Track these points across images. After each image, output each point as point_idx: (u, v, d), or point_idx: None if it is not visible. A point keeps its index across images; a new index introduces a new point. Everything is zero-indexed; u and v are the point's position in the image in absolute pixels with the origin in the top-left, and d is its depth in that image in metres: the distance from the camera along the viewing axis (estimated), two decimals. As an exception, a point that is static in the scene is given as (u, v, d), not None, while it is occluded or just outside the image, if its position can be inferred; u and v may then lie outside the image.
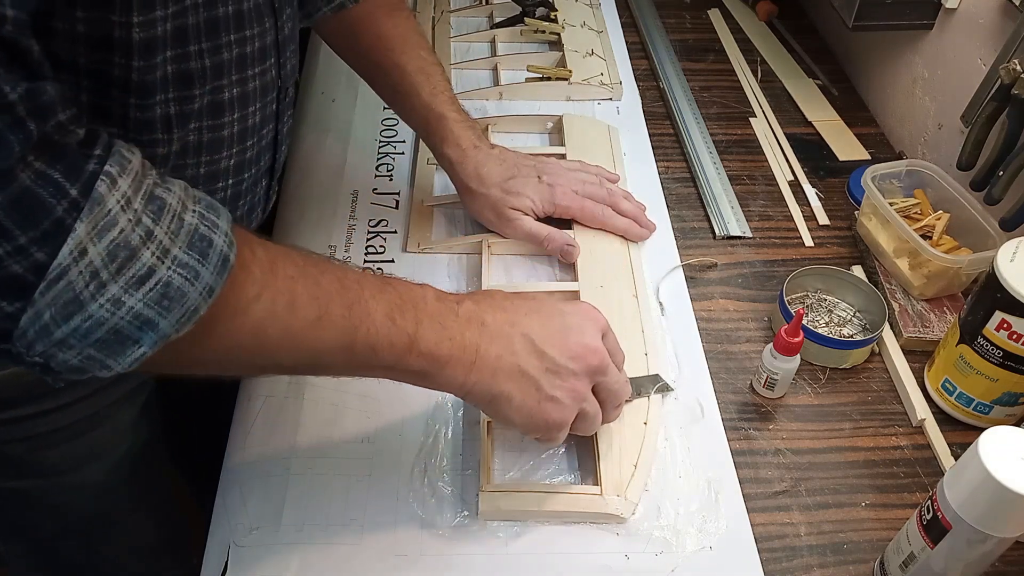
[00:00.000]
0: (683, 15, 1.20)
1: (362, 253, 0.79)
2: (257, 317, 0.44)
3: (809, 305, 0.78)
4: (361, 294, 0.49)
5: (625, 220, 0.80)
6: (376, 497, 0.61)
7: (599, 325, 0.58)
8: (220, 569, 0.56)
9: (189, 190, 0.42)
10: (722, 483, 0.63)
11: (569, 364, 0.55)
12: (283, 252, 0.47)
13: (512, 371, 0.54)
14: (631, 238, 0.80)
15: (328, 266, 0.49)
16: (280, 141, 0.66)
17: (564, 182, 0.79)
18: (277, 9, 0.58)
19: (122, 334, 0.38)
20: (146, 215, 0.38)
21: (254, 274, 0.44)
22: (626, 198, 0.82)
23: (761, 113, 1.03)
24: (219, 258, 0.41)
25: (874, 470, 0.66)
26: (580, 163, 0.84)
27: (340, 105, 0.97)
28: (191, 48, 0.50)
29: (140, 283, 0.38)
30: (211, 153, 0.57)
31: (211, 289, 0.40)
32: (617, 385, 0.59)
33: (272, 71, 0.59)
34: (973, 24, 0.87)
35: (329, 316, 0.47)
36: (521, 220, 0.77)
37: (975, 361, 0.66)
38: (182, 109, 0.51)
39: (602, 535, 0.60)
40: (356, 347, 0.48)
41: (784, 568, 0.60)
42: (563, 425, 0.56)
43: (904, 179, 0.85)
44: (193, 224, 0.40)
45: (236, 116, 0.57)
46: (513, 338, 0.54)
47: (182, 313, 0.40)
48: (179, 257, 0.39)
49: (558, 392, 0.55)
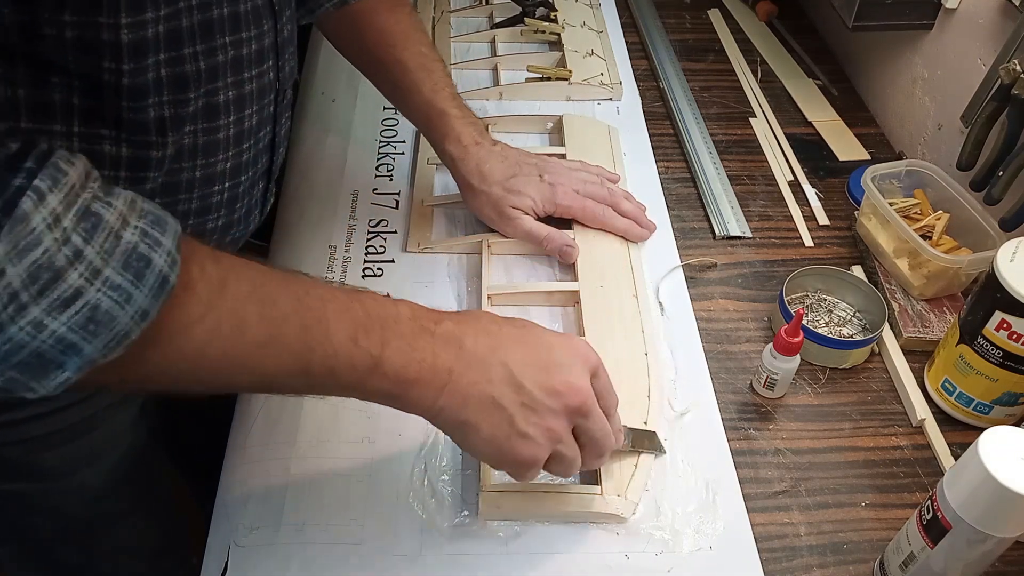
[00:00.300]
0: (683, 15, 1.20)
1: (362, 253, 0.79)
2: (199, 339, 0.42)
3: (809, 305, 0.78)
4: (323, 314, 0.46)
5: (625, 221, 0.80)
6: (376, 497, 0.61)
7: (589, 364, 0.54)
8: (220, 569, 0.56)
9: (136, 203, 0.40)
10: (722, 483, 0.63)
11: (547, 401, 0.51)
12: (238, 269, 0.45)
13: (484, 400, 0.50)
14: (631, 238, 0.80)
15: (289, 283, 0.47)
16: (278, 143, 0.66)
17: (565, 181, 0.79)
18: (277, 11, 0.58)
19: (44, 358, 0.37)
20: (77, 233, 0.36)
21: (199, 294, 0.42)
22: (627, 198, 0.82)
23: (761, 113, 1.03)
24: (156, 279, 0.38)
25: (874, 470, 0.66)
26: (581, 163, 0.84)
27: (340, 105, 0.97)
28: (185, 51, 0.49)
29: (64, 306, 0.36)
30: (207, 156, 0.56)
31: (145, 312, 0.38)
32: (600, 433, 0.54)
33: (270, 73, 0.59)
34: (973, 24, 0.87)
35: (281, 337, 0.45)
36: (521, 219, 0.76)
37: (975, 361, 0.66)
38: (177, 112, 0.51)
39: (602, 535, 0.60)
40: (312, 369, 0.46)
41: (784, 568, 0.60)
42: (533, 464, 0.52)
43: (904, 179, 0.85)
44: (132, 242, 0.38)
45: (232, 119, 0.56)
46: (491, 366, 0.51)
47: (110, 337, 0.38)
48: (110, 279, 0.37)
49: (531, 429, 0.51)
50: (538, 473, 0.54)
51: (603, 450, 0.55)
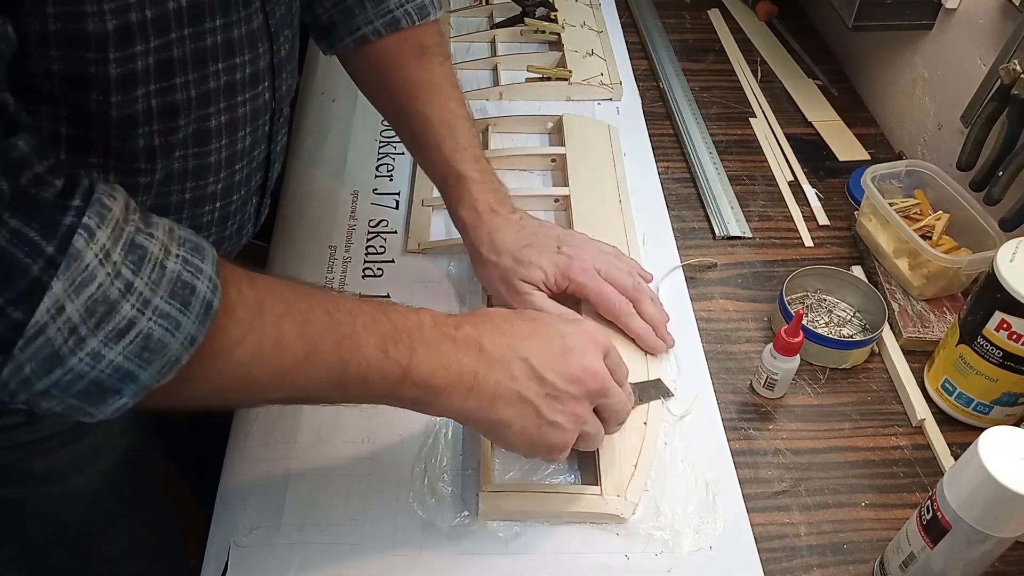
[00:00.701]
0: (683, 15, 1.20)
1: (362, 253, 0.79)
2: (242, 359, 0.43)
3: (809, 305, 0.78)
4: (353, 327, 0.48)
5: (643, 324, 0.71)
6: (376, 497, 0.61)
7: (600, 345, 0.57)
8: (220, 569, 0.56)
9: (174, 231, 0.41)
10: (722, 483, 0.63)
11: (569, 388, 0.54)
12: (272, 288, 0.46)
13: (511, 397, 0.53)
14: (644, 346, 0.71)
15: (319, 299, 0.48)
16: (273, 160, 0.64)
17: (585, 256, 0.71)
18: (273, 33, 0.56)
19: (103, 386, 0.38)
20: (126, 267, 0.38)
21: (239, 316, 0.43)
22: (652, 300, 0.72)
23: (761, 113, 1.03)
24: (202, 305, 0.40)
25: (874, 470, 0.66)
26: (615, 249, 0.75)
27: (340, 105, 0.97)
28: (176, 80, 0.49)
29: (120, 336, 0.38)
30: (197, 179, 0.55)
31: (193, 338, 0.40)
32: (619, 405, 0.57)
33: (265, 95, 0.57)
34: (973, 24, 0.87)
35: (318, 353, 0.46)
36: (532, 295, 0.69)
37: (975, 361, 0.66)
38: (167, 140, 0.50)
39: (602, 535, 0.60)
40: (347, 381, 0.48)
41: (784, 568, 0.60)
42: (565, 447, 0.55)
43: (904, 179, 0.85)
44: (175, 271, 0.40)
45: (224, 142, 0.55)
46: (512, 363, 0.53)
47: (163, 364, 0.39)
48: (160, 307, 0.39)
49: (559, 417, 0.54)
50: (567, 454, 0.57)
51: (622, 418, 0.59)
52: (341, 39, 0.71)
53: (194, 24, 0.48)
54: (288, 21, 0.59)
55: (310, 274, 0.77)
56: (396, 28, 0.71)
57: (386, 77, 0.73)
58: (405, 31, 0.71)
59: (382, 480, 0.62)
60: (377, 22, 0.70)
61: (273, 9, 0.56)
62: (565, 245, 0.71)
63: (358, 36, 0.71)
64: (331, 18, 0.71)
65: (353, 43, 0.71)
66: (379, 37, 0.71)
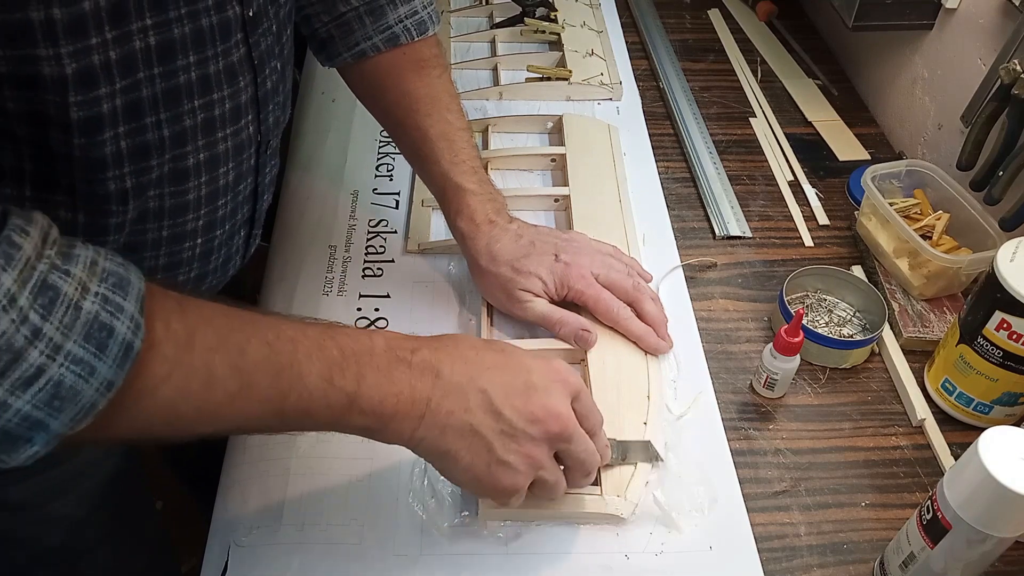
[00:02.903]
0: (683, 15, 1.20)
1: (362, 253, 0.79)
2: (168, 397, 0.41)
3: (809, 305, 0.78)
4: (294, 357, 0.45)
5: (643, 327, 0.70)
6: (376, 497, 0.61)
7: (569, 387, 0.53)
8: (220, 569, 0.56)
9: (97, 265, 0.39)
10: (722, 483, 0.63)
11: (527, 428, 0.50)
12: (205, 318, 0.43)
13: (463, 428, 0.50)
14: (645, 348, 0.71)
15: (258, 328, 0.45)
16: (261, 191, 0.62)
17: (585, 263, 0.71)
18: (258, 65, 0.54)
19: (11, 435, 0.36)
20: (34, 311, 0.35)
21: (164, 352, 0.40)
22: (653, 299, 0.72)
23: (761, 113, 1.03)
24: (120, 348, 0.38)
25: (874, 470, 0.66)
26: (614, 248, 0.75)
27: (340, 105, 0.97)
28: (147, 120, 0.46)
29: (27, 384, 0.35)
30: (175, 217, 0.53)
31: (110, 384, 0.38)
32: (584, 454, 0.53)
33: (249, 128, 0.55)
34: (973, 24, 0.87)
35: (253, 387, 0.44)
36: (532, 303, 0.69)
37: (975, 361, 0.66)
38: (139, 181, 0.48)
39: (602, 535, 0.60)
40: (287, 413, 0.45)
41: (784, 568, 0.60)
42: (514, 491, 0.52)
43: (904, 179, 0.85)
44: (92, 312, 0.37)
45: (204, 179, 0.53)
46: (469, 393, 0.50)
47: (76, 411, 0.37)
48: (72, 352, 0.36)
49: (511, 457, 0.51)
50: (521, 499, 0.53)
51: (588, 470, 0.55)
52: (339, 54, 0.71)
53: (164, 63, 0.46)
54: (276, 52, 0.57)
55: (310, 274, 0.77)
56: (395, 44, 0.70)
57: (384, 90, 0.72)
58: (404, 46, 0.71)
59: (382, 480, 0.62)
60: (376, 38, 0.69)
61: (258, 40, 0.54)
62: (563, 252, 0.71)
63: (356, 51, 0.70)
64: (329, 32, 0.70)
65: (351, 58, 0.71)
66: (378, 52, 0.70)
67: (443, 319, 0.74)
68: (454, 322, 0.74)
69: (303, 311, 0.73)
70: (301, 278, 0.76)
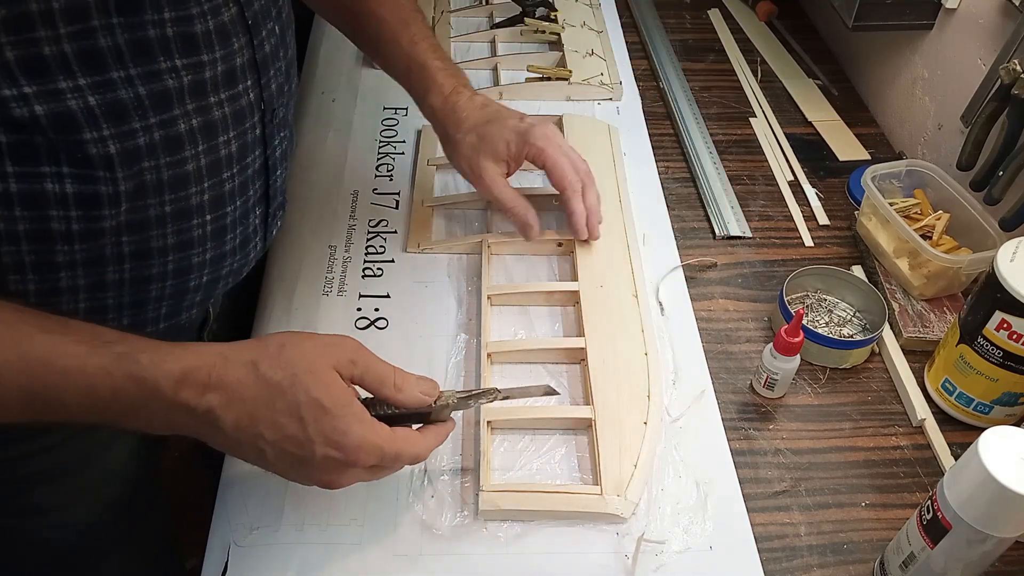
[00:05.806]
0: (683, 15, 1.20)
1: (362, 253, 0.79)
2: None
3: (809, 305, 0.78)
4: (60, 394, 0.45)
5: (582, 207, 0.74)
6: (376, 497, 0.61)
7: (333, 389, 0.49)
8: (220, 569, 0.56)
9: None
10: (722, 483, 0.63)
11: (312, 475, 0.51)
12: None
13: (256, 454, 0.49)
14: (572, 225, 0.75)
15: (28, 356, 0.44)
16: (273, 166, 0.60)
17: (549, 132, 0.72)
18: (252, 26, 0.52)
19: None
20: None
21: None
22: (597, 193, 0.76)
23: (761, 113, 1.03)
24: None
25: (874, 470, 0.66)
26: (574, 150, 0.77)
27: (340, 105, 0.97)
28: (113, 75, 0.44)
29: None
30: (176, 191, 0.51)
31: None
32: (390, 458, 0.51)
33: (249, 94, 0.53)
34: (973, 24, 0.87)
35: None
36: (494, 181, 0.71)
37: (975, 361, 0.66)
38: (123, 146, 0.46)
39: (602, 535, 0.60)
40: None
41: (784, 568, 0.60)
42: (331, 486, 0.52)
43: (904, 179, 0.85)
44: None
45: (202, 148, 0.51)
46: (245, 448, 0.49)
47: None
48: None
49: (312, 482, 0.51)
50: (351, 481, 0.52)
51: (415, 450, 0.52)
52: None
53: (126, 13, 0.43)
54: (272, 14, 0.55)
55: (310, 274, 0.77)
56: None
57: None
58: None
59: (382, 480, 0.61)
60: None
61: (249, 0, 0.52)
62: (527, 119, 0.73)
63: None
64: None
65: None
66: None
67: (443, 319, 0.74)
68: (453, 322, 0.74)
69: (303, 311, 0.73)
70: (301, 278, 0.76)
